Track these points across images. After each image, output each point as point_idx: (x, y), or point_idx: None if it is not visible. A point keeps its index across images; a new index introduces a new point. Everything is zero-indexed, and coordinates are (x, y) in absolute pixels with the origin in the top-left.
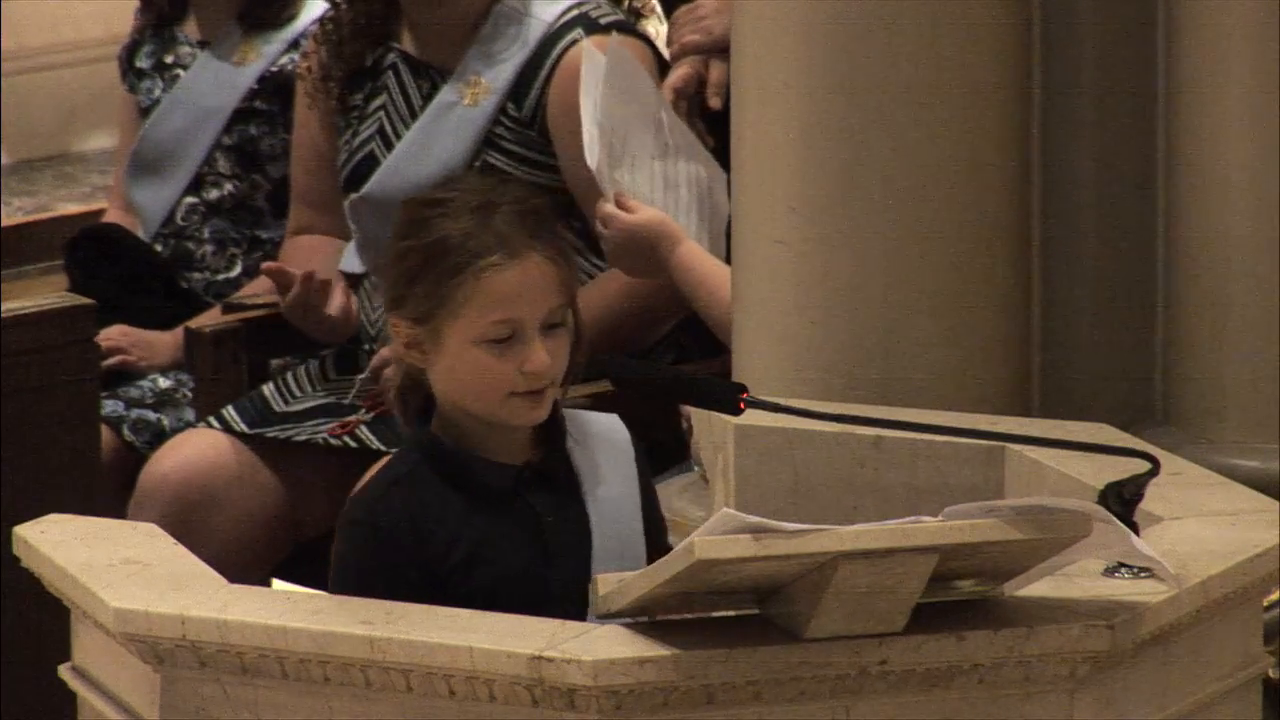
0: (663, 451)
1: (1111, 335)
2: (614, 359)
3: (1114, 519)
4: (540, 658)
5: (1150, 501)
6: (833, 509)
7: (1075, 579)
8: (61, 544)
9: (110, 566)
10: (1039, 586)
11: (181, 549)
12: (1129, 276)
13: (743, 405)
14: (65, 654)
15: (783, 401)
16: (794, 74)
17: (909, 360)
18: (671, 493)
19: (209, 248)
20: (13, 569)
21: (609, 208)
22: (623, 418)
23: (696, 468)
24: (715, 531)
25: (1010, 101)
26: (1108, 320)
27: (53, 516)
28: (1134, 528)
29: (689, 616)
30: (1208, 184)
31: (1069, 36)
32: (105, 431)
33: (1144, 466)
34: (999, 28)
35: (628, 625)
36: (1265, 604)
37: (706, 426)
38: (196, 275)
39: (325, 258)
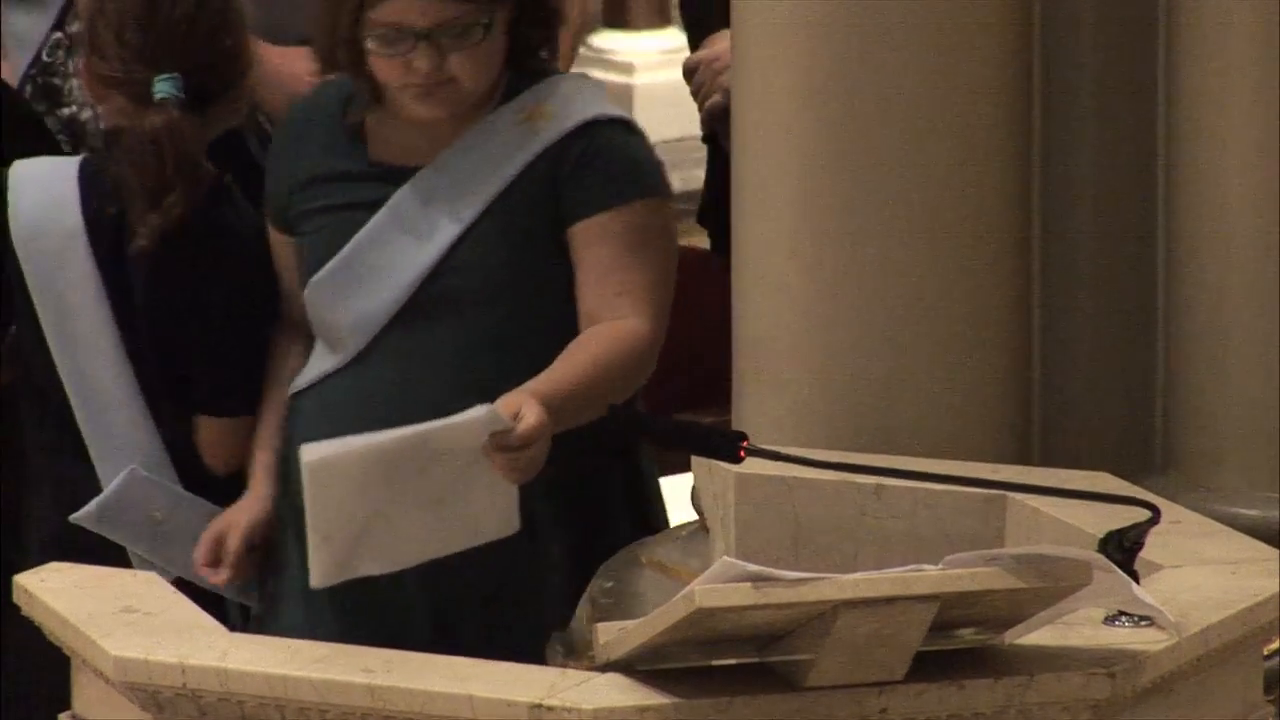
0: None
1: (1112, 381)
2: (616, 407)
3: (1114, 567)
4: (541, 705)
5: (1150, 550)
6: (833, 557)
7: (1076, 627)
8: (62, 592)
9: (110, 615)
10: (1039, 635)
11: (181, 596)
12: (1129, 324)
13: (743, 454)
14: (66, 702)
15: (783, 450)
16: (795, 94)
17: (909, 406)
18: (671, 541)
19: (75, 82)
20: (13, 618)
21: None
22: None
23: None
24: (716, 580)
25: (1011, 102)
26: (1108, 365)
27: (53, 565)
28: (1134, 576)
29: (689, 665)
30: (1208, 184)
31: (1069, 36)
32: None
33: (1144, 515)
34: (999, 29)
35: (628, 673)
36: (1265, 652)
37: (707, 475)
38: (65, 112)
39: None
